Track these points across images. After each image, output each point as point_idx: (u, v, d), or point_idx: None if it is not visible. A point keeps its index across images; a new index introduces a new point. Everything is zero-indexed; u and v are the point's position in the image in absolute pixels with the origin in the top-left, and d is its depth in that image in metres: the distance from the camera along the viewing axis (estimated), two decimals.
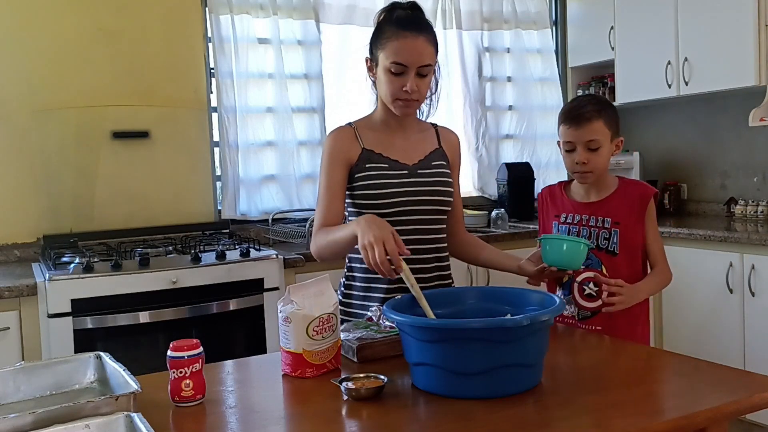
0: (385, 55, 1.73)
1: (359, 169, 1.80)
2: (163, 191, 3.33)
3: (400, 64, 1.71)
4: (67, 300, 2.47)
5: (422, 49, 1.71)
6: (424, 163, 1.85)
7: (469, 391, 1.25)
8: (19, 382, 1.31)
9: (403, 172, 1.81)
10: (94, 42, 3.20)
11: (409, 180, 1.80)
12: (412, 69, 1.71)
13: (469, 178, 4.18)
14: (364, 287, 1.83)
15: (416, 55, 1.71)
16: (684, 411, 1.17)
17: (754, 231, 3.26)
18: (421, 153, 1.86)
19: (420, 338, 1.28)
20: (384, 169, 1.80)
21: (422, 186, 1.81)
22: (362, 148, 1.81)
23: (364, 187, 1.79)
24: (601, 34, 4.14)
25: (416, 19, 1.76)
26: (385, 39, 1.73)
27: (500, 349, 1.23)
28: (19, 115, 3.07)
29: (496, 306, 1.47)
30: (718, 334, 3.29)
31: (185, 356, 1.26)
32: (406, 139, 1.87)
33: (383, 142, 1.84)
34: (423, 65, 1.72)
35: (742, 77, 3.40)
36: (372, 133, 1.84)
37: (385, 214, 1.76)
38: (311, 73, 3.63)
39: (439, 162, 1.87)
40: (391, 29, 1.73)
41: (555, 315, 1.31)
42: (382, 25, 1.77)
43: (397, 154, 1.83)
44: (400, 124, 1.85)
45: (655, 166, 4.30)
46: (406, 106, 1.77)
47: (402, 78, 1.72)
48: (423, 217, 1.81)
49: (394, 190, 1.78)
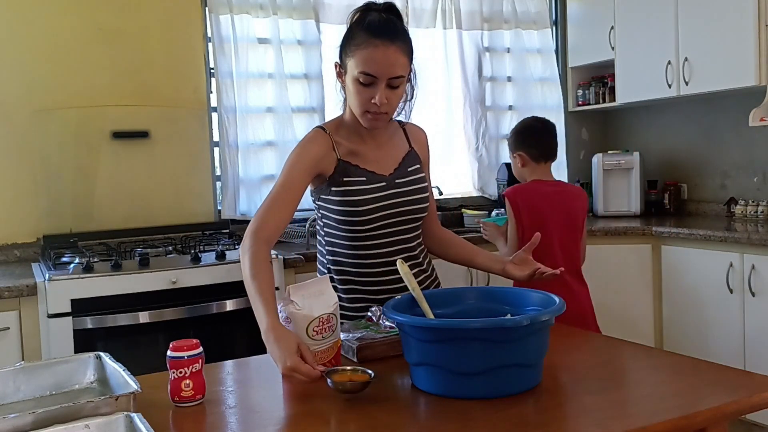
0: (354, 63, 1.62)
1: (335, 183, 1.74)
2: (163, 191, 3.33)
3: (369, 74, 1.61)
4: (67, 300, 2.47)
5: (394, 60, 1.61)
6: (399, 171, 1.80)
7: (469, 391, 1.24)
8: (19, 382, 1.31)
9: (381, 185, 1.75)
10: (94, 42, 3.20)
11: (387, 192, 1.76)
12: (382, 80, 1.61)
13: (469, 178, 4.19)
14: (348, 298, 1.82)
15: (387, 66, 1.60)
16: (684, 411, 1.17)
17: (754, 231, 3.26)
18: (395, 161, 1.80)
19: (420, 338, 1.28)
20: (362, 183, 1.73)
21: (400, 197, 1.77)
22: (338, 159, 1.74)
23: (342, 203, 1.74)
24: (601, 34, 4.14)
25: (389, 25, 1.64)
26: (355, 46, 1.63)
27: (500, 349, 1.23)
28: (19, 115, 3.07)
29: (496, 306, 1.47)
30: (718, 334, 3.29)
31: (185, 356, 1.26)
32: (379, 147, 1.80)
33: (357, 151, 1.77)
34: (394, 77, 1.62)
35: (742, 77, 3.40)
36: (345, 142, 1.76)
37: (363, 229, 1.74)
38: (311, 73, 3.63)
39: (414, 167, 1.83)
40: (361, 35, 1.62)
41: (555, 315, 1.30)
42: (353, 29, 1.66)
43: (373, 164, 1.77)
44: (371, 131, 1.77)
45: (655, 166, 4.30)
46: (374, 119, 1.68)
47: (371, 89, 1.62)
48: (401, 228, 1.78)
49: (374, 205, 1.73)
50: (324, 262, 1.87)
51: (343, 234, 1.78)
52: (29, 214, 3.09)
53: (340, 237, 1.79)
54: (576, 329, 1.83)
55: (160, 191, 3.32)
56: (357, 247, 1.77)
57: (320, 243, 1.88)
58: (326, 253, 1.85)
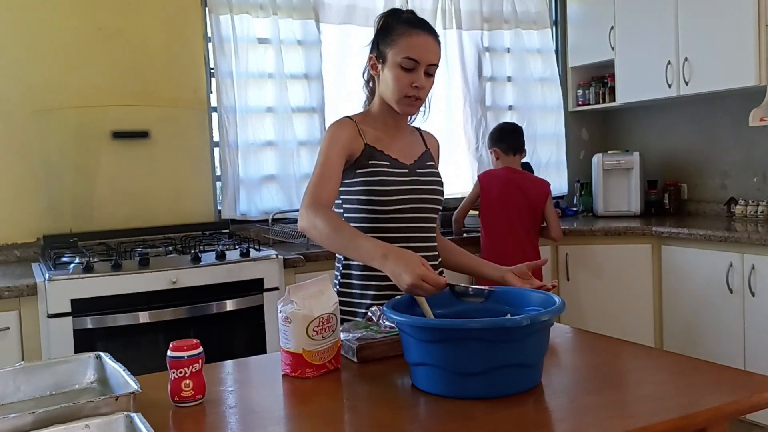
0: (396, 51, 1.75)
1: (361, 165, 1.80)
2: (163, 191, 3.33)
3: (412, 59, 1.73)
4: (67, 300, 2.47)
5: (433, 48, 1.76)
6: (419, 163, 1.88)
7: (469, 391, 1.24)
8: (19, 382, 1.31)
9: (404, 171, 1.83)
10: (94, 42, 3.20)
11: (409, 179, 1.83)
12: (423, 66, 1.74)
13: (469, 178, 4.18)
14: (362, 285, 1.84)
15: (428, 53, 1.75)
16: (684, 411, 1.17)
17: (754, 231, 3.26)
18: (414, 154, 1.90)
19: (420, 338, 1.28)
20: (387, 167, 1.81)
21: (421, 185, 1.84)
22: (365, 143, 1.82)
23: (367, 183, 1.79)
24: (601, 34, 4.15)
25: (425, 21, 1.80)
26: (397, 35, 1.76)
27: (500, 349, 1.23)
28: (19, 115, 3.07)
29: (496, 306, 1.47)
30: (718, 334, 3.29)
31: (185, 356, 1.26)
32: (402, 139, 1.89)
33: (382, 140, 1.85)
34: (432, 64, 1.76)
35: (742, 77, 3.40)
36: (371, 131, 1.85)
37: (385, 211, 1.79)
38: (311, 73, 3.63)
39: (430, 163, 1.92)
40: (402, 26, 1.76)
41: (555, 315, 1.30)
42: (391, 24, 1.79)
43: (396, 153, 1.85)
44: (397, 124, 1.87)
45: (655, 166, 4.31)
46: (411, 104, 1.79)
47: (412, 74, 1.74)
48: (420, 215, 1.84)
49: (396, 188, 1.80)
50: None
51: (365, 216, 1.82)
52: (29, 214, 3.09)
53: (361, 220, 1.82)
54: (576, 329, 1.83)
55: (160, 191, 3.32)
56: (378, 229, 1.80)
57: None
58: None
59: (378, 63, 1.81)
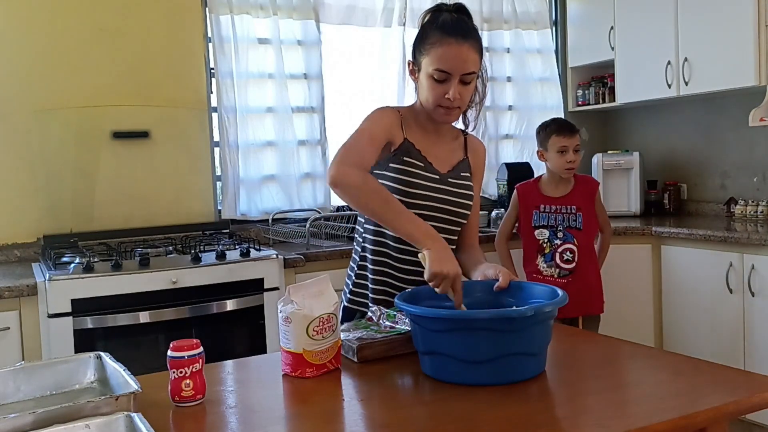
0: (428, 61, 1.70)
1: (395, 160, 1.78)
2: (163, 191, 3.33)
3: (443, 71, 1.68)
4: (67, 300, 2.47)
5: (466, 56, 1.69)
6: (453, 173, 1.85)
7: (477, 378, 1.31)
8: (19, 382, 1.31)
9: (435, 177, 1.81)
10: (94, 42, 3.20)
11: (438, 186, 1.80)
12: (456, 76, 1.69)
13: None
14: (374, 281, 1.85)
15: (460, 63, 1.68)
16: (684, 411, 1.17)
17: (754, 231, 3.26)
18: (451, 162, 1.86)
19: (431, 328, 1.35)
20: (419, 168, 1.78)
21: (449, 195, 1.82)
22: (404, 137, 1.79)
23: (396, 180, 1.77)
24: (601, 34, 4.14)
25: (461, 24, 1.72)
26: (429, 45, 1.70)
27: (506, 338, 1.30)
28: (19, 115, 3.07)
29: (502, 298, 1.57)
30: (718, 334, 3.29)
31: (185, 356, 1.26)
32: (441, 145, 1.86)
33: (422, 141, 1.82)
34: (467, 73, 1.69)
35: (742, 77, 3.40)
36: (414, 126, 1.82)
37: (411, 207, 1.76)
38: (311, 73, 3.63)
39: (465, 173, 1.88)
40: (435, 35, 1.70)
41: (558, 306, 1.37)
42: (426, 29, 1.74)
43: (433, 157, 1.82)
44: (437, 128, 1.84)
45: (655, 166, 4.30)
46: (447, 114, 1.75)
47: (444, 85, 1.70)
48: (443, 225, 1.80)
49: (424, 192, 1.78)
50: (364, 239, 1.88)
51: None
52: (29, 214, 3.09)
53: None
54: (576, 329, 1.84)
55: (160, 191, 3.32)
56: None
57: (365, 221, 1.88)
58: (370, 231, 1.85)
59: (415, 69, 1.78)
